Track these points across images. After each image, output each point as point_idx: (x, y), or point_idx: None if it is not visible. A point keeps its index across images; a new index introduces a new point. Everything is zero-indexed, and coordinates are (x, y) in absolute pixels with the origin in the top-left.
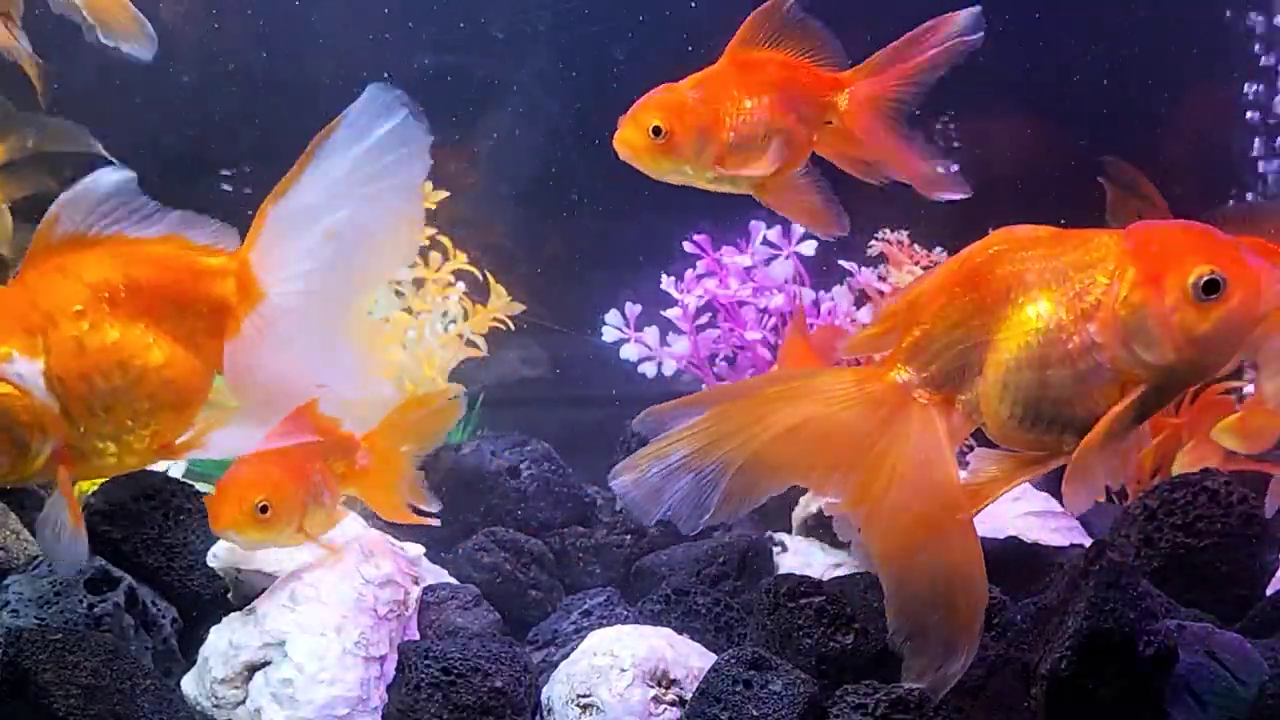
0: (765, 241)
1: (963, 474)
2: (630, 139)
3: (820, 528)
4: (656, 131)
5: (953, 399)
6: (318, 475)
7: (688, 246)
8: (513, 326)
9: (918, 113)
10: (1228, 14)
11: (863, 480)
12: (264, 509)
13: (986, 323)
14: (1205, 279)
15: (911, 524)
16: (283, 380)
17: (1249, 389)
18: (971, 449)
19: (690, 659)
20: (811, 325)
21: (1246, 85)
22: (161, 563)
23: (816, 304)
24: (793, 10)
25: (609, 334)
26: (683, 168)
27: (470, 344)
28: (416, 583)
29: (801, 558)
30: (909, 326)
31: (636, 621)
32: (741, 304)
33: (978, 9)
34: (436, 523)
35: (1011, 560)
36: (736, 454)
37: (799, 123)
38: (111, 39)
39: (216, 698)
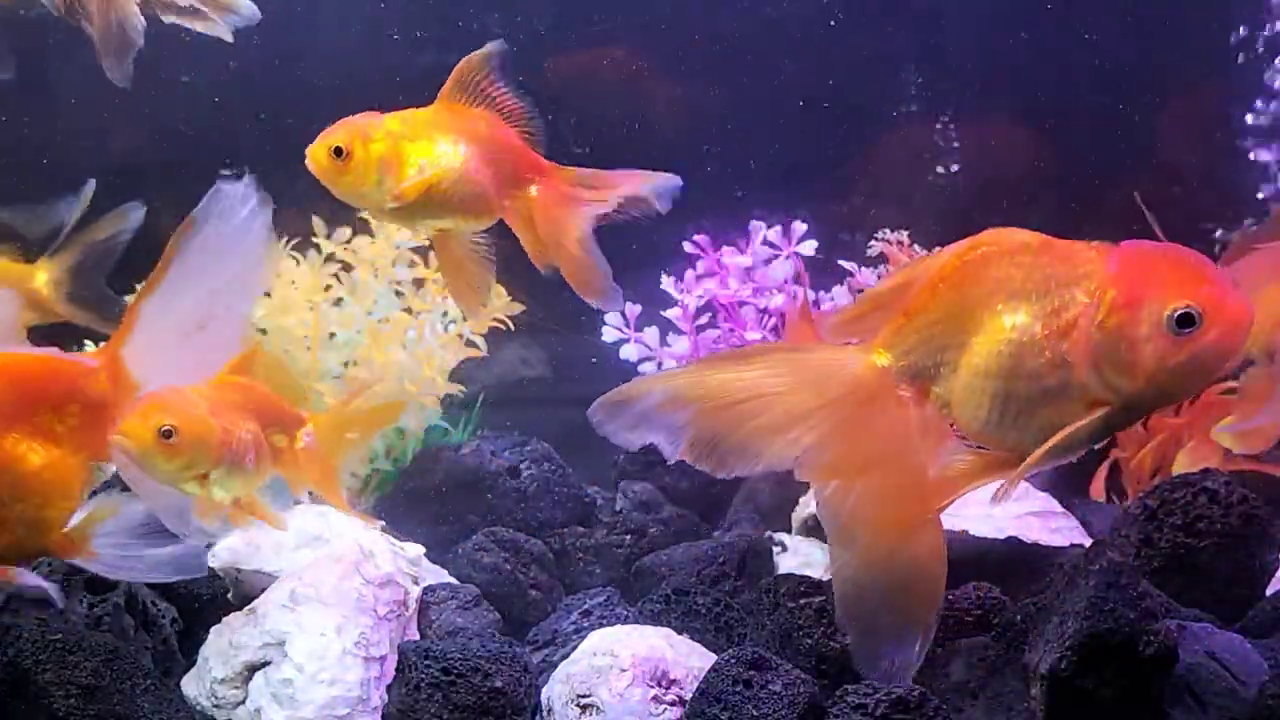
0: (765, 242)
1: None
2: (314, 154)
3: (820, 528)
4: (338, 152)
5: (927, 391)
6: (247, 435)
7: (688, 247)
8: (513, 326)
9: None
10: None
11: (830, 455)
12: (168, 434)
13: (964, 324)
14: (1181, 311)
15: (875, 511)
16: None
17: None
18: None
19: (690, 659)
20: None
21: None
22: None
23: (817, 304)
24: (501, 60)
25: (609, 334)
26: (362, 194)
27: (470, 344)
28: (416, 583)
29: (801, 558)
30: (892, 313)
31: (636, 621)
32: (741, 304)
33: (680, 189)
34: (379, 524)
35: (1011, 560)
36: (711, 403)
37: (491, 187)
38: (225, 21)
39: (216, 698)
